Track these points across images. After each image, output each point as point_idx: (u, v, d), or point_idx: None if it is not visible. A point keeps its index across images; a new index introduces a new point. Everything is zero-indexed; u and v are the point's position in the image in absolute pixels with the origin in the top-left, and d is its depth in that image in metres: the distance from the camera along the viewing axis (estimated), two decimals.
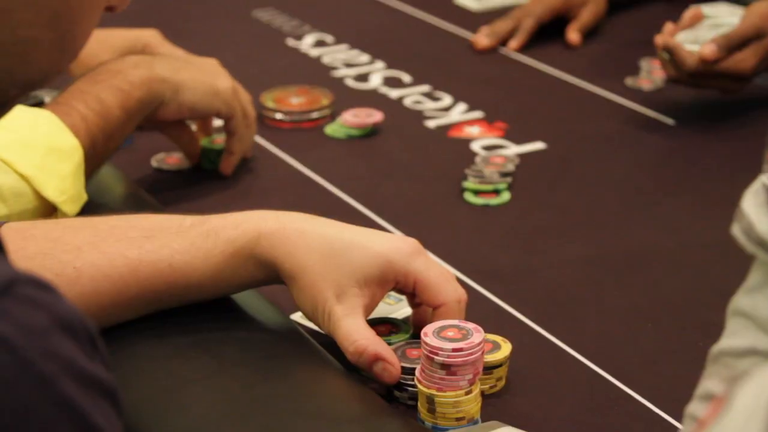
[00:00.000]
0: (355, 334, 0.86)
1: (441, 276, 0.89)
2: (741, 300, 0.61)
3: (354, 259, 0.87)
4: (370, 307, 0.89)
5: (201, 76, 1.20)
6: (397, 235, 0.90)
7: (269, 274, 0.88)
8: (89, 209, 1.06)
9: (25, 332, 0.48)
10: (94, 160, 1.09)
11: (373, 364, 0.86)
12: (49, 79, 0.64)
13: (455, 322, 0.87)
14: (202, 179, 1.27)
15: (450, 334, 0.85)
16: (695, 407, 0.60)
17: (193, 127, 1.30)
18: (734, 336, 0.60)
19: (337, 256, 0.87)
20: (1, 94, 0.61)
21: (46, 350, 0.48)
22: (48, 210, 1.03)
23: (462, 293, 0.90)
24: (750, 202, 0.59)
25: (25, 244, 0.85)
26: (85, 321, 0.51)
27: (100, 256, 0.86)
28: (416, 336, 0.90)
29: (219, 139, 1.29)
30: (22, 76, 0.61)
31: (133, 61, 1.15)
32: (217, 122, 1.30)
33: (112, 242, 0.87)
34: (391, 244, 0.88)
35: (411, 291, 0.90)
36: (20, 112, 1.03)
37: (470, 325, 0.86)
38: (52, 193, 1.02)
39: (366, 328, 0.87)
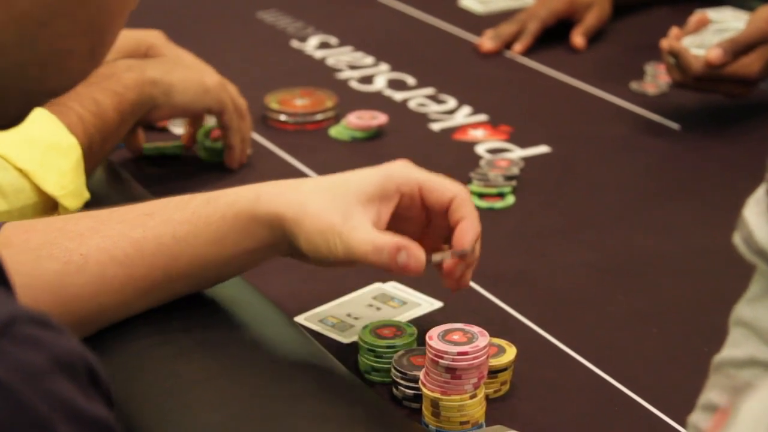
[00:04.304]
0: (369, 236, 0.85)
1: (440, 176, 0.91)
2: (742, 310, 0.60)
3: (352, 184, 0.87)
4: (378, 224, 0.87)
5: (190, 75, 1.21)
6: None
7: (275, 232, 0.87)
8: (87, 205, 1.06)
9: (21, 374, 0.47)
10: (90, 160, 1.09)
11: (397, 256, 0.84)
12: (75, 85, 0.63)
13: (460, 325, 0.87)
14: (203, 180, 1.27)
15: (455, 337, 0.85)
16: (698, 417, 0.60)
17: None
18: (735, 346, 0.60)
19: (336, 188, 0.87)
20: (30, 102, 0.60)
21: (42, 392, 0.47)
22: (49, 206, 1.03)
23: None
24: (751, 210, 0.59)
25: (27, 236, 0.86)
26: (85, 357, 0.51)
27: (104, 240, 0.86)
28: (421, 340, 0.90)
29: (215, 132, 1.30)
30: (54, 85, 0.60)
31: (125, 65, 1.17)
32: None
33: (113, 225, 0.87)
34: (384, 165, 0.91)
35: (418, 203, 0.90)
36: None
37: (475, 329, 0.86)
38: (53, 188, 1.02)
39: (378, 231, 0.86)
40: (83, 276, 0.85)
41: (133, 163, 1.30)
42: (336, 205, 0.86)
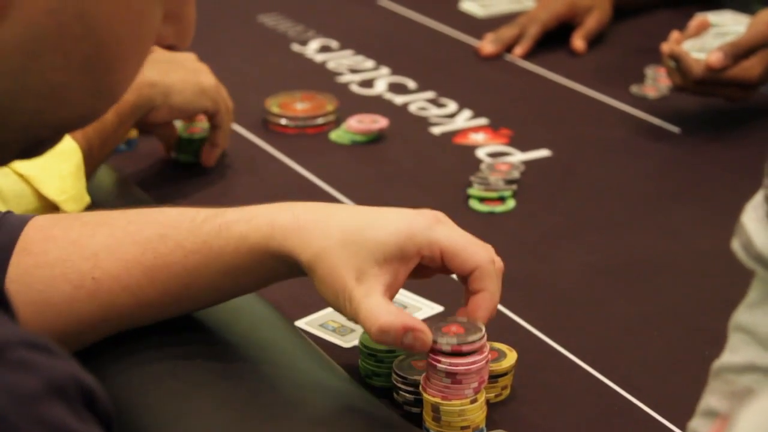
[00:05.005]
0: (377, 312, 0.81)
1: (466, 240, 0.85)
2: (741, 315, 0.60)
3: (371, 240, 0.83)
4: (394, 286, 0.84)
5: (187, 76, 1.21)
6: (415, 210, 0.87)
7: (290, 266, 0.86)
8: (87, 209, 1.06)
9: (13, 399, 0.47)
10: (90, 163, 1.09)
11: (403, 337, 0.82)
12: (86, 122, 0.61)
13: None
14: (203, 184, 1.27)
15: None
16: (698, 423, 0.60)
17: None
18: (735, 352, 0.60)
19: (354, 240, 0.83)
20: (32, 134, 0.59)
21: (34, 417, 0.47)
22: (50, 210, 1.03)
23: (494, 255, 0.86)
24: (750, 216, 0.59)
25: (47, 246, 0.85)
26: (81, 379, 0.50)
27: (118, 264, 0.85)
28: None
29: (194, 129, 1.30)
30: (53, 119, 0.59)
31: None
32: None
33: (128, 246, 0.86)
34: (408, 218, 0.85)
35: (439, 264, 0.86)
36: None
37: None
38: (53, 193, 1.02)
39: (387, 304, 0.82)
40: (93, 302, 0.85)
41: (138, 166, 1.30)
42: (352, 262, 0.83)
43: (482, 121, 1.44)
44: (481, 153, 1.35)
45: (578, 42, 1.67)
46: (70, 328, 0.85)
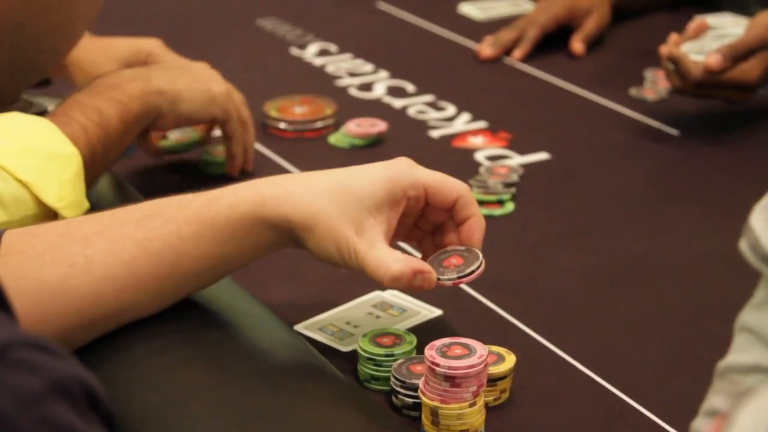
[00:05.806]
0: (386, 261, 0.86)
1: (443, 175, 0.92)
2: (747, 316, 0.60)
3: (359, 191, 0.88)
4: (389, 233, 0.89)
5: (196, 84, 1.20)
6: (388, 160, 0.93)
7: (281, 234, 0.88)
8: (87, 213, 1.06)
9: (17, 400, 0.47)
10: (93, 171, 1.09)
11: (413, 280, 0.86)
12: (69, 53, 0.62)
13: (459, 339, 0.86)
14: (202, 188, 1.26)
15: (457, 351, 0.85)
16: (700, 423, 0.60)
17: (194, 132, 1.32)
18: (740, 352, 0.60)
19: (344, 194, 0.87)
20: (42, 73, 0.60)
21: (38, 418, 0.47)
22: (49, 217, 1.03)
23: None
24: (758, 217, 0.59)
25: (33, 242, 0.85)
26: (85, 380, 0.50)
27: (109, 242, 0.86)
28: (420, 349, 0.90)
29: (217, 152, 1.30)
30: (61, 56, 0.59)
31: (130, 74, 1.16)
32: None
33: (117, 227, 0.87)
34: (388, 166, 0.91)
35: (422, 204, 0.91)
36: (18, 120, 1.03)
37: (473, 343, 0.86)
38: (52, 199, 1.02)
39: (393, 252, 0.87)
40: (88, 276, 0.85)
41: (136, 172, 1.30)
42: (348, 215, 0.87)
43: (481, 124, 1.44)
44: (479, 156, 1.35)
45: (577, 45, 1.67)
46: (65, 309, 0.84)
